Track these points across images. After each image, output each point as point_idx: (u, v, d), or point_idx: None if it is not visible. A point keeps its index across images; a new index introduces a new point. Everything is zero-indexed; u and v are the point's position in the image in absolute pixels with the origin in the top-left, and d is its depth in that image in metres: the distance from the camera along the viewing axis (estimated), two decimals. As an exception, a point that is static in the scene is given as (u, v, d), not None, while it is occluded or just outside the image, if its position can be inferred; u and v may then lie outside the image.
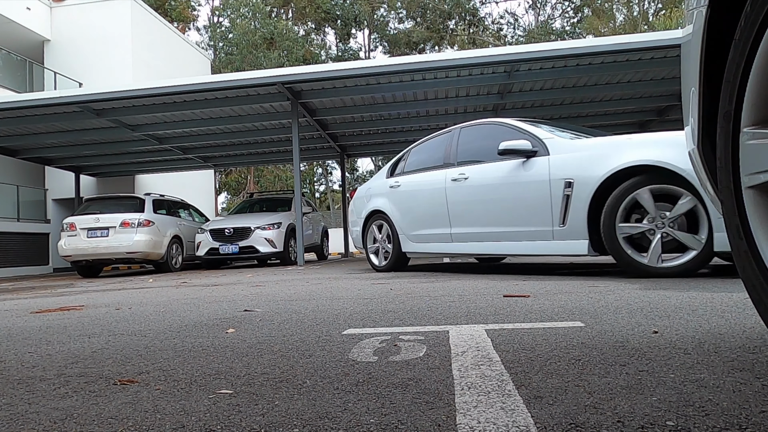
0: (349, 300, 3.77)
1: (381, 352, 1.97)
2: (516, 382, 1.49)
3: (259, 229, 11.53)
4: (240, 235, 11.52)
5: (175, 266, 11.88)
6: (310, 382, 1.61)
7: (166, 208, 12.25)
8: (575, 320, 2.45)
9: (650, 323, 2.27)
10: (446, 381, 1.53)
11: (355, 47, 45.55)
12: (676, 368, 1.54)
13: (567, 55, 9.80)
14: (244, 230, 11.55)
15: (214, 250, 11.57)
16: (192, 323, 2.99)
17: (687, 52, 1.53)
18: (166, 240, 11.48)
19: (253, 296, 4.45)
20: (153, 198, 11.88)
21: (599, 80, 11.56)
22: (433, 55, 10.17)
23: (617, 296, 3.20)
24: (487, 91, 12.09)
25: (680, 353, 1.72)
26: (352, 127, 14.38)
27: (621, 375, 1.50)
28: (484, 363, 1.71)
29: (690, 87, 1.50)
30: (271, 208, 13.48)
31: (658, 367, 1.57)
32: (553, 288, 3.88)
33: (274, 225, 11.66)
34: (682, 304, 2.77)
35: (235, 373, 1.76)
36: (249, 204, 14.26)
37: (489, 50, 10.12)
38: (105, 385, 1.68)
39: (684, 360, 1.64)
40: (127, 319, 3.35)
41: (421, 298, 3.62)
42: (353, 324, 2.68)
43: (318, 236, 14.60)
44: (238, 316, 3.21)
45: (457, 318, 2.69)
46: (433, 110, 13.32)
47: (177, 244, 12.01)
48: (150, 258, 11.02)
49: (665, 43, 9.38)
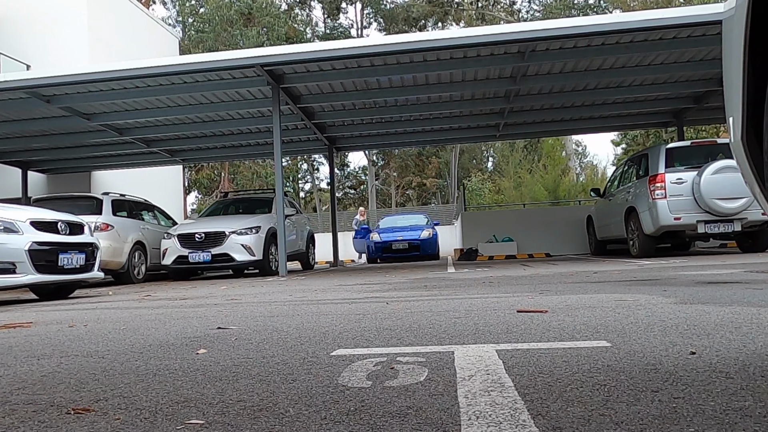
0: (338, 316, 3.77)
1: (376, 376, 1.97)
2: (531, 410, 1.48)
3: (234, 234, 11.50)
4: (212, 241, 11.50)
5: (138, 277, 11.83)
6: (294, 410, 1.60)
7: (127, 210, 12.20)
8: (600, 339, 2.45)
9: (687, 343, 2.28)
10: (451, 410, 1.53)
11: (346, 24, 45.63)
12: (717, 395, 1.54)
13: (590, 33, 9.81)
14: (218, 235, 11.52)
15: (183, 259, 11.54)
16: (157, 343, 2.98)
17: (729, 30, 1.53)
18: (127, 247, 11.43)
19: (228, 312, 4.44)
20: (112, 198, 11.83)
21: (628, 62, 11.60)
22: (435, 33, 10.22)
23: (648, 311, 3.20)
24: (498, 75, 12.11)
25: (721, 377, 1.72)
26: (343, 116, 14.37)
27: (653, 403, 1.50)
28: (495, 389, 1.71)
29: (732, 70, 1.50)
30: (248, 209, 13.45)
31: (695, 393, 1.57)
32: (574, 302, 3.88)
33: (251, 229, 11.64)
34: (723, 320, 2.78)
35: (206, 400, 1.75)
36: (223, 205, 14.22)
37: (500, 27, 10.14)
38: (57, 415, 1.67)
39: (726, 385, 1.64)
40: (82, 338, 3.33)
41: (421, 314, 3.62)
42: (343, 344, 2.67)
43: (303, 242, 14.58)
44: (211, 334, 3.20)
45: (463, 337, 2.68)
46: (436, 97, 13.33)
47: (140, 251, 11.96)
48: (108, 267, 10.98)
49: (704, 19, 9.39)
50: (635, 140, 34.65)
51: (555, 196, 28.23)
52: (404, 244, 17.56)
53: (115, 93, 11.92)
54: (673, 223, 9.69)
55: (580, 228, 15.17)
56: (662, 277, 5.71)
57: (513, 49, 10.58)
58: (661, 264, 8.26)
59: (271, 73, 10.98)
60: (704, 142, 10.80)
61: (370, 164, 43.32)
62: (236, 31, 36.84)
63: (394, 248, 17.61)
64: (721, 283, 4.70)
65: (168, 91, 11.85)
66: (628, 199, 11.02)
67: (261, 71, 10.72)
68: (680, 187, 9.71)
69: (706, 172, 9.45)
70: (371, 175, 43.33)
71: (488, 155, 51.06)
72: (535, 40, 9.95)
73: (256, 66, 10.52)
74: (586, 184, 30.32)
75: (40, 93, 11.75)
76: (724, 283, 4.76)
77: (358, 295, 5.47)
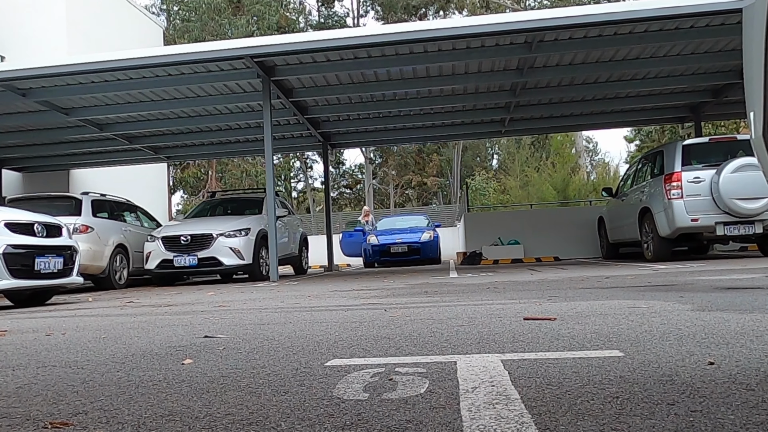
0: (333, 324, 3.77)
1: (373, 387, 1.97)
2: (539, 425, 1.48)
3: (222, 236, 11.49)
4: (199, 243, 11.49)
5: (120, 282, 11.83)
6: (286, 425, 1.60)
7: (108, 211, 12.19)
8: (612, 349, 2.45)
9: (705, 352, 2.28)
10: (453, 424, 1.53)
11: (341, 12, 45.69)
12: (737, 408, 1.55)
13: (602, 22, 9.82)
14: (205, 238, 11.51)
15: (168, 263, 11.53)
16: (140, 352, 2.97)
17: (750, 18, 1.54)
18: (108, 250, 11.43)
19: (216, 319, 4.44)
20: (92, 198, 11.83)
21: (642, 53, 11.62)
22: (436, 22, 10.22)
23: (664, 319, 3.20)
24: (503, 67, 12.12)
25: (741, 389, 1.73)
26: (338, 110, 14.38)
27: (669, 416, 1.50)
28: (500, 401, 1.71)
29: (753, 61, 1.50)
30: (237, 210, 13.45)
31: (714, 406, 1.57)
32: (584, 309, 3.88)
33: (241, 231, 11.63)
34: (744, 328, 2.78)
35: (192, 413, 1.75)
36: (210, 206, 14.22)
37: (506, 16, 10.16)
38: (33, 429, 1.67)
39: (746, 398, 1.64)
40: (60, 347, 3.33)
41: (422, 322, 3.62)
42: (339, 353, 2.67)
43: (295, 245, 14.58)
44: (197, 343, 3.20)
45: (466, 346, 2.69)
46: (437, 90, 13.34)
47: (122, 254, 11.96)
48: (88, 272, 10.97)
49: (724, 7, 9.40)
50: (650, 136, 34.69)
51: (564, 196, 28.24)
52: (403, 247, 17.54)
53: (95, 86, 11.91)
54: (690, 224, 9.69)
55: (591, 230, 15.17)
56: (678, 283, 5.72)
57: (519, 39, 10.58)
58: (677, 268, 8.27)
59: (262, 64, 10.97)
60: (723, 139, 10.80)
61: (367, 162, 43.32)
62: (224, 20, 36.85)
63: (392, 252, 17.59)
64: (742, 289, 4.71)
65: (151, 85, 11.83)
66: (642, 199, 11.03)
67: (251, 63, 10.71)
68: (698, 186, 9.72)
69: (725, 170, 9.45)
70: (368, 173, 43.35)
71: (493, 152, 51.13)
72: (543, 29, 9.96)
73: (245, 57, 10.51)
74: (597, 183, 30.33)
75: (16, 86, 11.73)
76: (744, 288, 4.76)
77: (354, 301, 5.47)
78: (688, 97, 14.45)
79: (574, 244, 16.40)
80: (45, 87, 11.95)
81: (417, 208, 39.03)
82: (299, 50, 10.42)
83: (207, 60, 10.67)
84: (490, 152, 51.37)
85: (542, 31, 10.05)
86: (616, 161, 66.37)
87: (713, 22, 10.17)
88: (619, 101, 14.63)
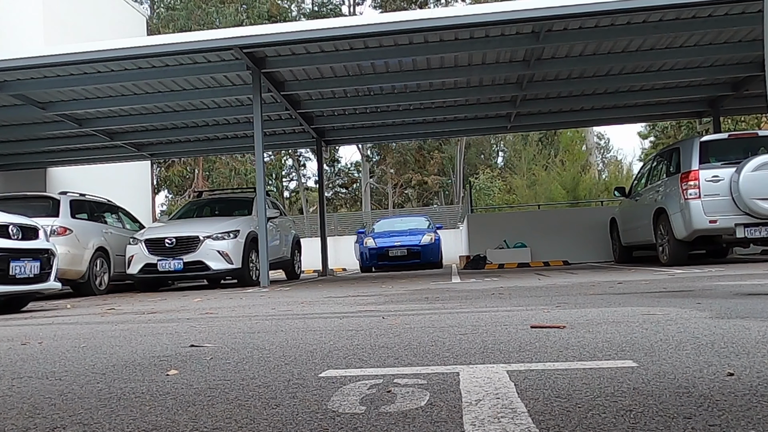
0: (328, 332, 3.77)
1: (370, 400, 1.97)
2: (548, 439, 1.48)
3: (209, 239, 11.49)
4: (185, 246, 11.48)
5: (100, 287, 11.80)
6: (278, 440, 1.60)
7: (87, 212, 12.18)
8: (625, 359, 2.45)
9: (724, 362, 2.28)
10: (456, 438, 1.53)
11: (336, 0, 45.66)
12: (758, 421, 1.55)
13: (614, 11, 9.81)
14: (191, 241, 11.51)
15: (151, 267, 11.52)
16: (122, 363, 2.97)
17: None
18: (87, 253, 11.40)
19: (203, 327, 4.44)
20: (71, 198, 11.80)
21: (656, 44, 11.63)
22: (438, 11, 10.23)
23: (680, 327, 3.21)
24: (509, 58, 12.13)
25: (763, 402, 1.73)
26: (332, 105, 14.38)
27: (685, 431, 1.50)
28: (506, 415, 1.71)
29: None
30: (225, 211, 13.44)
31: (733, 420, 1.57)
32: (595, 316, 3.89)
33: (229, 234, 11.63)
34: (765, 337, 2.78)
35: (178, 428, 1.75)
36: (197, 206, 14.21)
37: (512, 4, 10.13)
38: (5, 446, 1.67)
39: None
40: (36, 357, 3.33)
41: (422, 330, 3.62)
42: (333, 363, 2.67)
43: (287, 248, 14.58)
44: (183, 353, 3.20)
45: (469, 356, 2.69)
46: (439, 83, 13.35)
47: (102, 258, 11.93)
48: (66, 277, 10.95)
49: (744, -6, 9.45)
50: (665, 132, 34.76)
51: (574, 195, 28.29)
52: (402, 250, 17.52)
53: (74, 79, 11.91)
54: (708, 226, 9.69)
55: (603, 232, 15.18)
56: (696, 288, 5.72)
57: (526, 28, 10.60)
58: (694, 273, 8.28)
59: (251, 56, 10.97)
60: (743, 135, 10.81)
61: (363, 160, 43.28)
62: (211, 8, 36.84)
63: (391, 255, 17.56)
64: (763, 295, 4.71)
65: (134, 77, 11.82)
66: (657, 199, 11.04)
67: (240, 54, 10.71)
68: (716, 185, 9.72)
69: (745, 168, 9.45)
70: (365, 172, 43.35)
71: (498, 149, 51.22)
72: (552, 18, 9.96)
73: (234, 48, 10.50)
74: (609, 182, 30.39)
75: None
76: (766, 294, 4.77)
77: (350, 308, 5.47)
78: (706, 90, 14.46)
79: (584, 247, 16.41)
80: (20, 80, 11.94)
81: (417, 209, 39.06)
82: (291, 40, 10.42)
83: (193, 51, 10.67)
84: (495, 149, 51.44)
85: (551, 20, 10.06)
86: (629, 159, 66.39)
87: (733, 10, 10.18)
88: (633, 95, 14.64)
